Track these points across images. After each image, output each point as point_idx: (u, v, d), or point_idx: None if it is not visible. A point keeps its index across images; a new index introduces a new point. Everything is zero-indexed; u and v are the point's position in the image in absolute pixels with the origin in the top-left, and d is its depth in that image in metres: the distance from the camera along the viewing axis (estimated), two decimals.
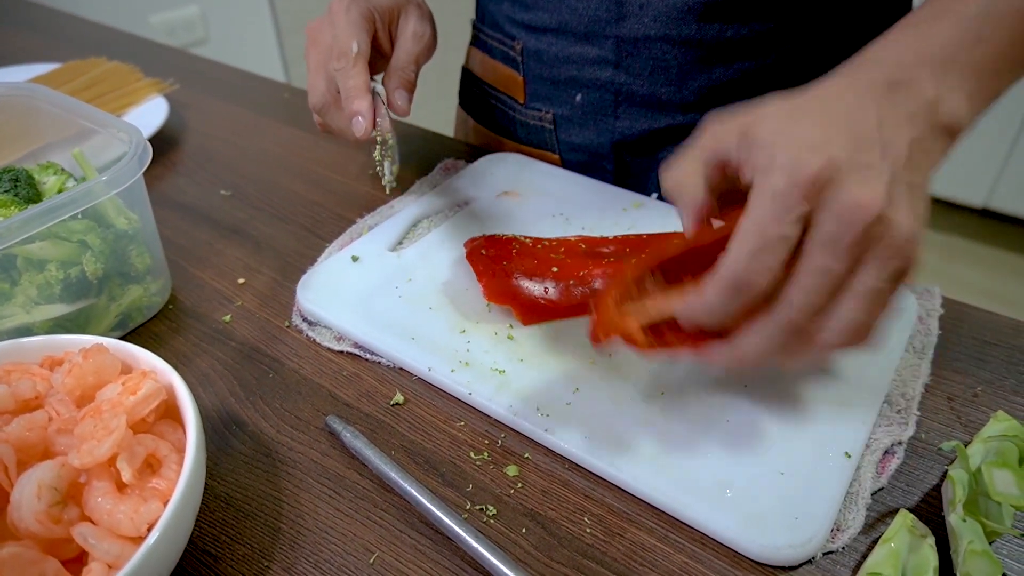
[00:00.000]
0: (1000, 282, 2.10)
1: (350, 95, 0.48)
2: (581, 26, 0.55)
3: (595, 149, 0.61)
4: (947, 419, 0.40)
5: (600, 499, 0.36)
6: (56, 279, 0.42)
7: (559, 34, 0.57)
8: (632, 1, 0.52)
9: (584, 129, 0.60)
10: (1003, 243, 2.23)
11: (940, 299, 0.48)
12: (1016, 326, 0.46)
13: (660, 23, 0.52)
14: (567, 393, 0.41)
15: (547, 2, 0.56)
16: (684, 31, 0.52)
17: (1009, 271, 2.16)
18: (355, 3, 0.49)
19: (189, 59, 0.90)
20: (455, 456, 0.39)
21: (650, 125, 0.57)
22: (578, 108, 0.59)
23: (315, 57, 0.50)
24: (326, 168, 0.65)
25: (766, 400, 0.40)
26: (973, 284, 2.09)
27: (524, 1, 0.58)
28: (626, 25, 0.53)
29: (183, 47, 1.80)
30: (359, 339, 0.45)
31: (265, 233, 0.57)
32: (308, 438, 0.40)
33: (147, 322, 0.48)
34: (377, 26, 0.51)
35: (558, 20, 0.56)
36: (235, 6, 1.89)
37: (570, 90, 0.59)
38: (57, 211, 0.40)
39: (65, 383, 0.34)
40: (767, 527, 0.33)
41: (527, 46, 0.60)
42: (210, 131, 0.72)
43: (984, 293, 2.05)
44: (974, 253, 2.22)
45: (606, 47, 0.55)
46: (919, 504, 0.36)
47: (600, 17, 0.53)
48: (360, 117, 0.48)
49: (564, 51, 0.57)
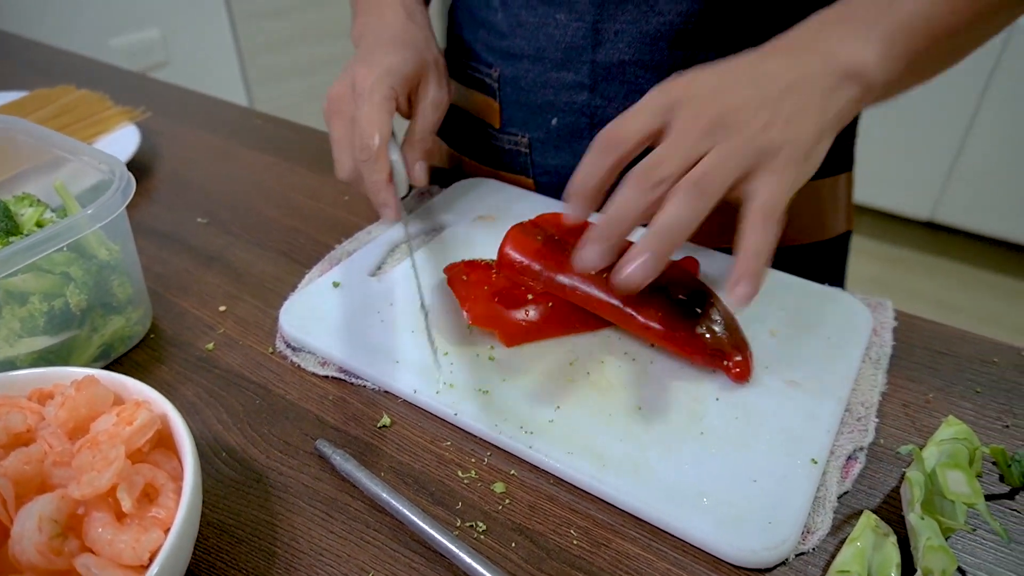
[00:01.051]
0: (948, 291, 2.20)
1: (375, 188, 0.51)
2: (558, 52, 0.57)
3: (570, 171, 0.62)
4: (903, 424, 0.43)
5: (584, 511, 0.38)
6: (40, 312, 0.42)
7: (536, 60, 0.59)
8: (608, 28, 0.54)
9: (559, 152, 0.62)
10: (950, 254, 2.33)
11: (893, 312, 0.51)
12: (963, 336, 0.49)
13: (634, 49, 0.55)
14: (549, 411, 0.42)
15: (524, 30, 0.58)
16: (656, 56, 0.55)
17: (956, 281, 2.25)
18: (381, 81, 0.51)
19: (158, 86, 0.90)
20: (443, 475, 0.40)
21: None
22: (553, 132, 0.62)
23: (339, 129, 0.52)
24: (302, 194, 0.66)
25: (736, 412, 0.42)
26: (924, 294, 2.18)
27: (501, 30, 0.60)
28: (602, 51, 0.55)
29: (143, 71, 1.79)
30: (344, 364, 0.46)
31: (244, 260, 0.57)
32: (298, 462, 0.41)
33: (129, 352, 0.49)
34: (399, 101, 0.53)
35: (535, 47, 0.58)
36: (196, 29, 1.88)
37: (546, 114, 0.61)
38: (42, 245, 0.40)
39: (58, 415, 0.34)
40: (743, 532, 0.35)
41: (504, 73, 0.62)
42: (183, 158, 0.72)
43: (935, 303, 2.14)
44: (923, 264, 2.32)
45: (582, 72, 0.57)
46: (881, 505, 0.38)
47: (577, 44, 0.56)
48: (388, 207, 0.52)
49: (541, 77, 0.59)
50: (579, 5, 0.54)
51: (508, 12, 0.59)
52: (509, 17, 0.59)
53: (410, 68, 0.53)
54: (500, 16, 0.60)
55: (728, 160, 0.37)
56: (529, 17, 0.57)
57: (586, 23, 0.55)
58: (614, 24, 0.54)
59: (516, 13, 0.58)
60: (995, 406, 0.44)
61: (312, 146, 0.75)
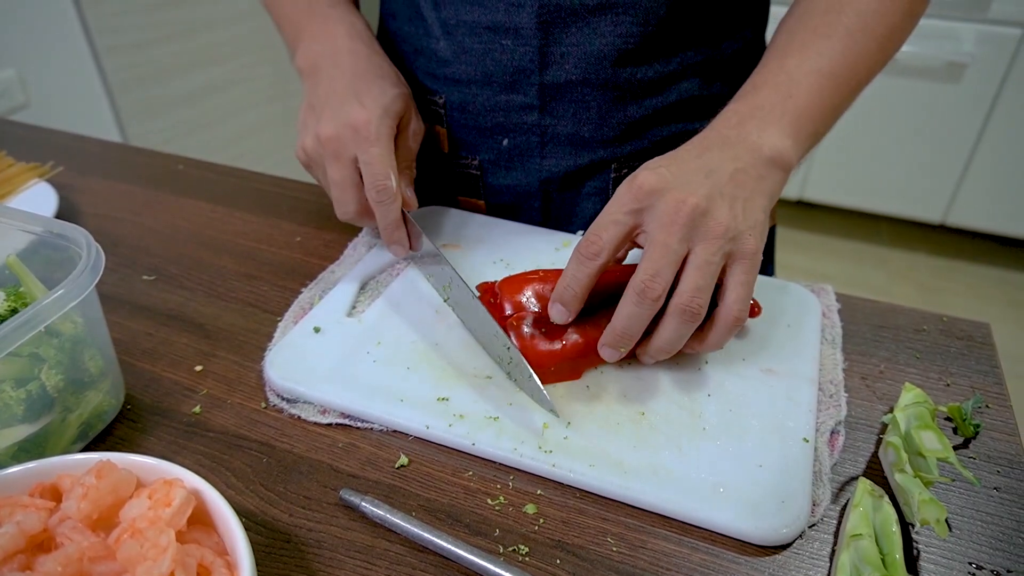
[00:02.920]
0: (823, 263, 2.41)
1: (390, 227, 0.53)
2: (506, 76, 0.59)
3: (523, 189, 0.65)
4: (866, 396, 0.48)
5: (615, 518, 0.40)
6: (17, 399, 0.39)
7: (484, 85, 0.61)
8: (554, 51, 0.57)
9: (511, 171, 0.64)
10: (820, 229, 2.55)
11: (834, 295, 0.57)
12: (895, 309, 0.56)
13: (580, 69, 0.58)
14: (561, 428, 0.44)
15: (470, 56, 0.60)
16: (601, 74, 0.58)
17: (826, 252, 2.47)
18: (382, 123, 0.52)
19: (61, 137, 0.84)
20: (474, 505, 0.41)
21: (575, 162, 0.62)
22: (504, 152, 0.63)
23: (339, 172, 0.52)
24: (250, 239, 0.65)
25: (728, 404, 0.46)
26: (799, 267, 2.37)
27: (443, 57, 0.61)
28: (549, 73, 0.58)
29: (1, 115, 1.64)
30: (346, 409, 0.46)
31: (208, 315, 0.55)
32: (324, 516, 0.40)
33: (108, 428, 0.46)
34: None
35: (482, 72, 0.60)
36: (56, 67, 1.74)
37: (496, 136, 0.63)
38: (16, 334, 0.37)
39: (81, 508, 0.32)
40: (762, 514, 0.39)
41: (450, 99, 0.63)
42: (107, 214, 0.68)
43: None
44: (794, 240, 2.53)
45: (531, 94, 0.59)
46: (866, 471, 0.43)
47: (524, 67, 0.58)
48: (399, 245, 0.54)
49: (489, 101, 0.61)
50: (525, 31, 0.57)
51: (451, 40, 0.60)
52: (452, 44, 0.60)
53: (400, 105, 0.54)
54: (442, 44, 0.61)
55: (708, 268, 0.42)
56: (474, 44, 0.59)
57: (532, 47, 0.57)
58: (559, 47, 0.57)
59: (460, 41, 0.59)
60: (935, 368, 0.51)
61: (247, 188, 0.73)
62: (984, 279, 2.38)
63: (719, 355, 0.49)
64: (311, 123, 0.54)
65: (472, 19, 0.58)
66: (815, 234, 2.59)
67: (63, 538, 0.32)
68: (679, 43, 0.58)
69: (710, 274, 0.42)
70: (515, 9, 0.56)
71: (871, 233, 2.60)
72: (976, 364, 0.51)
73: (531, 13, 0.55)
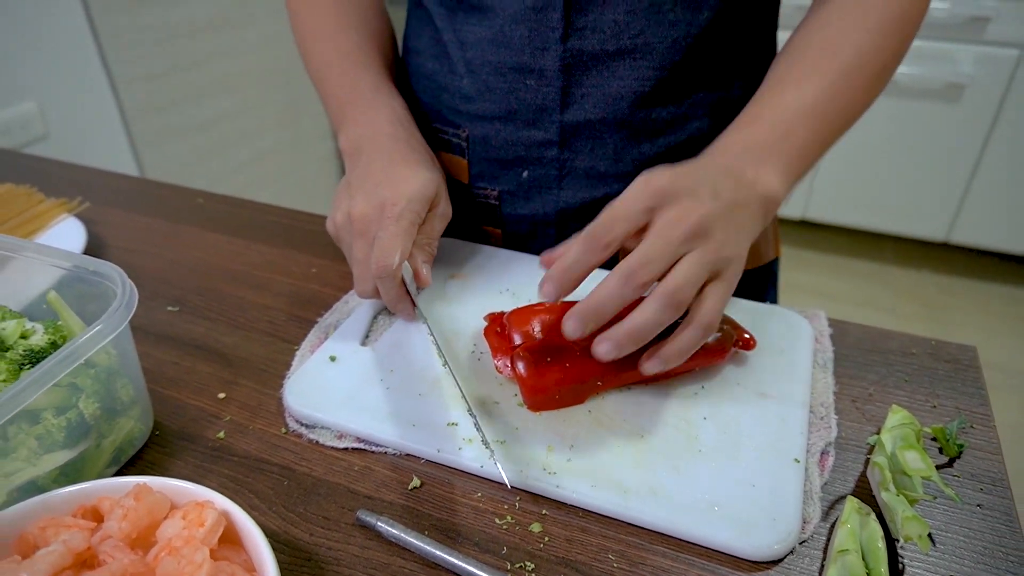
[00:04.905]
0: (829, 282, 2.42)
1: (391, 301, 0.56)
2: (528, 114, 0.62)
3: (539, 219, 0.68)
4: (855, 417, 0.51)
5: (616, 536, 0.42)
6: (58, 427, 0.42)
7: (507, 121, 0.64)
8: (575, 92, 0.60)
9: (529, 202, 0.67)
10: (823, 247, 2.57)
11: (826, 321, 0.59)
12: (885, 334, 0.58)
13: (599, 108, 0.61)
14: (565, 450, 0.47)
15: (493, 94, 0.63)
16: (619, 114, 0.61)
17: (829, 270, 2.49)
18: (409, 208, 0.54)
19: (84, 173, 0.87)
20: (482, 525, 0.43)
21: (591, 194, 0.65)
22: (524, 184, 0.66)
23: (363, 251, 0.54)
24: (267, 271, 0.68)
25: (723, 427, 0.48)
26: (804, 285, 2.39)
27: (467, 94, 0.65)
28: (570, 112, 0.61)
29: (21, 146, 1.69)
30: (362, 434, 0.49)
31: (229, 344, 0.58)
32: (342, 535, 0.43)
33: (139, 453, 0.49)
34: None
35: (506, 108, 0.63)
36: (75, 98, 1.80)
37: (516, 168, 0.66)
38: (61, 366, 0.40)
39: (122, 528, 0.35)
40: (755, 532, 0.41)
41: (472, 133, 0.66)
42: (131, 247, 0.72)
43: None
44: (798, 258, 2.55)
45: (551, 131, 0.63)
46: (855, 489, 0.45)
47: (547, 106, 0.62)
48: (404, 313, 0.58)
49: (511, 136, 0.64)
50: (549, 72, 0.60)
51: (476, 78, 0.63)
52: (477, 82, 0.63)
53: (431, 190, 0.56)
54: (467, 81, 0.64)
55: (699, 271, 0.44)
56: (499, 83, 0.62)
57: (555, 87, 0.61)
58: (580, 88, 0.60)
59: (485, 79, 0.63)
60: (922, 390, 0.53)
61: (263, 221, 0.77)
62: (989, 295, 2.39)
63: (715, 380, 0.52)
64: (345, 200, 0.56)
65: (498, 60, 0.61)
66: (821, 253, 2.61)
67: (106, 556, 0.35)
68: (692, 86, 0.62)
69: (696, 277, 0.44)
70: (540, 52, 0.59)
71: (876, 251, 2.62)
72: (962, 386, 0.53)
73: (555, 57, 0.59)
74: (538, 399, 0.49)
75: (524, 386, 0.49)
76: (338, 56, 0.67)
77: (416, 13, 0.70)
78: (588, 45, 0.58)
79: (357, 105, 0.63)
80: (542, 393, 0.48)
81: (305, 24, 0.70)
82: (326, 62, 0.67)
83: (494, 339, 0.52)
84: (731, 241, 0.46)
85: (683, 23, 0.58)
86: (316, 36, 0.69)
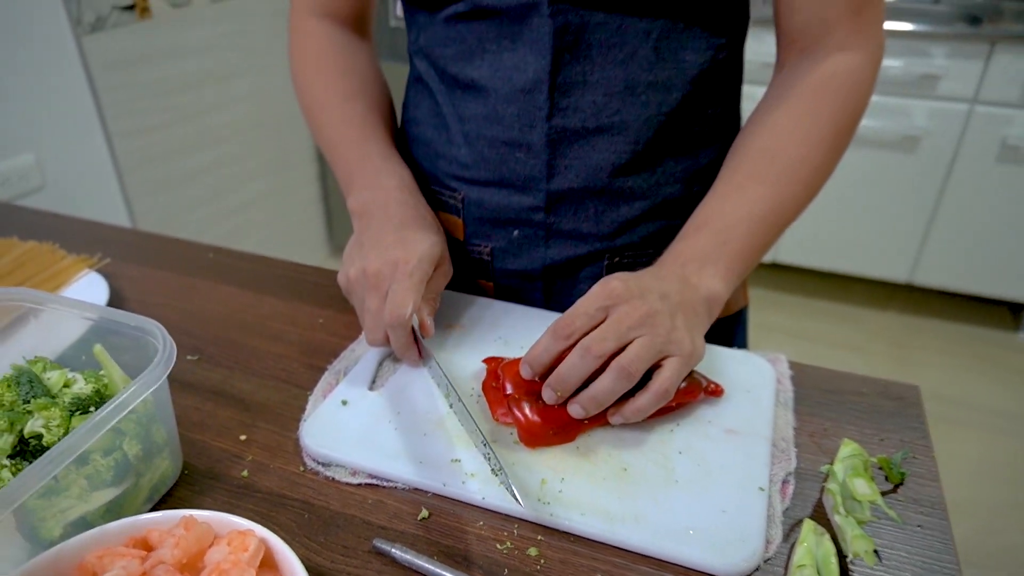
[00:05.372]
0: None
1: (401, 348, 0.61)
2: (518, 182, 0.69)
3: (529, 274, 0.75)
4: (813, 450, 0.57)
5: (604, 558, 0.48)
6: (107, 466, 0.47)
7: (499, 187, 0.71)
8: (559, 164, 0.68)
9: (519, 258, 0.74)
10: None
11: (787, 364, 0.66)
12: (840, 375, 0.65)
13: (581, 178, 0.68)
14: (557, 483, 0.52)
15: (487, 163, 0.70)
16: (598, 183, 0.68)
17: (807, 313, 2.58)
18: (419, 267, 0.60)
19: (102, 229, 0.93)
20: (485, 550, 0.49)
21: (575, 252, 0.72)
22: (514, 242, 0.73)
23: (376, 303, 0.60)
24: (277, 322, 0.73)
25: (696, 461, 0.54)
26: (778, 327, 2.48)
27: (464, 162, 0.71)
28: (555, 181, 0.68)
29: (16, 197, 1.74)
30: (373, 471, 0.54)
31: (246, 390, 0.64)
32: (360, 562, 0.48)
33: (170, 491, 0.54)
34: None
35: (498, 176, 0.70)
36: (71, 151, 1.86)
37: (508, 228, 0.73)
38: (112, 414, 0.46)
39: (174, 554, 0.40)
40: (726, 551, 0.47)
41: (468, 196, 0.73)
42: (149, 299, 0.77)
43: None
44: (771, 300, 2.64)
45: (539, 197, 0.69)
46: (812, 513, 0.52)
47: (534, 176, 0.69)
48: (410, 360, 0.63)
49: (503, 200, 0.71)
50: (536, 147, 0.67)
51: (472, 149, 0.70)
52: (472, 152, 0.70)
53: (437, 252, 0.63)
54: (463, 151, 0.71)
55: (648, 350, 0.53)
56: (492, 154, 0.69)
57: (542, 160, 0.68)
58: (564, 160, 0.68)
59: (480, 150, 0.70)
60: (872, 425, 0.60)
61: (271, 275, 0.82)
62: (953, 334, 2.50)
63: (688, 419, 0.58)
64: (357, 257, 0.62)
65: (492, 134, 0.69)
66: (792, 295, 2.71)
67: None
68: (663, 156, 0.69)
69: (645, 356, 0.52)
70: (529, 129, 0.67)
71: (845, 293, 2.72)
72: (906, 421, 0.60)
73: (542, 133, 0.66)
74: (534, 437, 0.55)
75: (521, 427, 0.55)
76: (347, 126, 0.74)
77: (416, 86, 0.77)
78: (571, 123, 0.66)
79: (367, 173, 0.70)
80: (537, 432, 0.54)
81: (312, 94, 0.77)
82: (336, 131, 0.74)
83: (491, 393, 0.58)
84: (677, 331, 0.54)
85: (655, 103, 0.66)
86: (324, 106, 0.76)
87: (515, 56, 0.65)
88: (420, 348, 0.62)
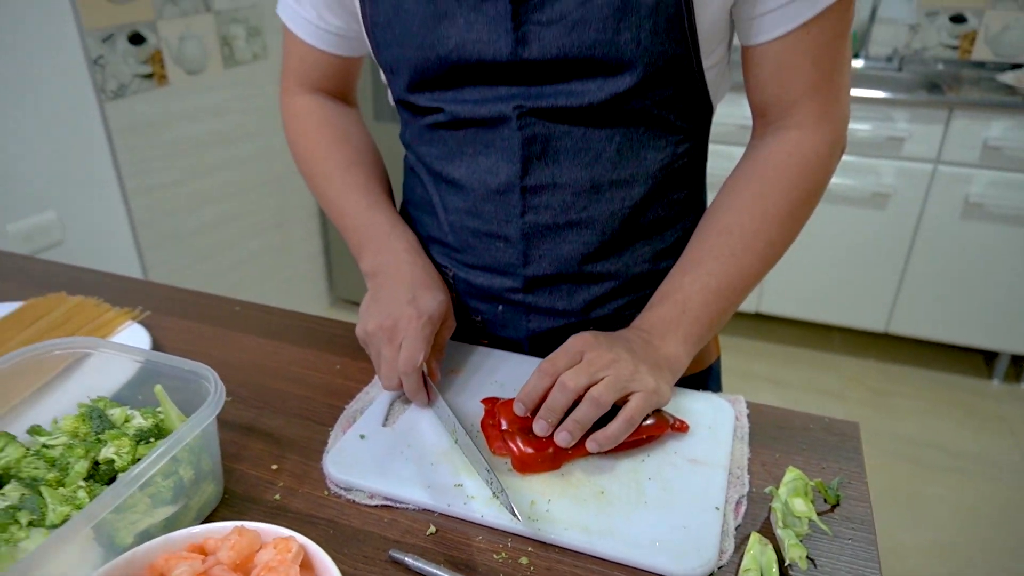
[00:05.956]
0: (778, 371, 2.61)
1: (412, 391, 0.71)
2: (499, 267, 0.79)
3: (514, 341, 0.85)
4: (764, 477, 0.67)
5: (584, 566, 0.57)
6: (167, 487, 0.56)
7: (483, 271, 0.80)
8: (534, 253, 0.77)
9: (505, 328, 0.84)
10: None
11: (745, 404, 0.76)
12: (789, 414, 0.75)
13: (554, 266, 0.77)
14: (544, 503, 0.62)
15: (473, 250, 0.79)
16: (570, 270, 0.78)
17: (783, 360, 2.68)
18: (427, 324, 0.70)
19: (143, 285, 1.03)
20: (484, 560, 0.58)
21: (553, 324, 0.82)
22: (500, 315, 0.83)
23: (391, 353, 0.70)
24: (299, 367, 0.83)
25: (663, 485, 0.64)
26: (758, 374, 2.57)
27: (453, 246, 0.82)
28: (530, 268, 0.78)
29: (38, 251, 1.84)
30: (388, 494, 0.63)
31: (275, 427, 0.73)
32: (378, 570, 0.57)
33: (213, 512, 0.62)
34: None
35: (482, 262, 0.80)
36: (91, 207, 1.97)
37: (493, 303, 0.82)
38: (177, 445, 0.55)
39: (230, 556, 0.49)
40: (685, 559, 0.56)
41: (458, 275, 0.83)
42: (184, 349, 0.87)
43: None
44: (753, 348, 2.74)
45: (517, 280, 0.79)
46: (760, 528, 0.61)
47: (512, 263, 0.78)
48: (420, 402, 0.72)
49: (488, 281, 0.80)
50: (513, 239, 0.76)
51: (457, 237, 0.80)
52: (458, 240, 0.80)
53: (443, 309, 0.73)
54: (451, 238, 0.81)
55: (614, 386, 0.63)
56: (475, 243, 0.79)
57: (518, 250, 0.77)
58: (538, 251, 0.77)
59: (465, 239, 0.80)
60: (815, 457, 0.69)
61: (292, 326, 0.92)
62: (929, 381, 2.60)
63: (657, 450, 0.68)
64: (375, 313, 0.72)
65: (474, 226, 0.78)
66: (774, 343, 2.82)
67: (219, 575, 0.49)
68: (631, 242, 0.78)
69: (611, 391, 0.63)
70: (505, 223, 0.76)
71: (824, 341, 2.83)
72: (845, 452, 0.70)
73: (517, 228, 0.76)
74: (525, 466, 0.64)
75: (515, 457, 0.64)
76: (352, 193, 0.83)
77: (411, 174, 0.87)
78: (542, 219, 0.75)
79: (377, 238, 0.80)
80: (528, 461, 0.64)
81: (312, 163, 0.86)
82: (343, 199, 0.83)
83: (488, 429, 0.68)
84: (640, 373, 0.65)
85: (619, 199, 0.74)
86: (326, 175, 0.85)
87: (489, 161, 0.73)
88: (429, 391, 0.72)
